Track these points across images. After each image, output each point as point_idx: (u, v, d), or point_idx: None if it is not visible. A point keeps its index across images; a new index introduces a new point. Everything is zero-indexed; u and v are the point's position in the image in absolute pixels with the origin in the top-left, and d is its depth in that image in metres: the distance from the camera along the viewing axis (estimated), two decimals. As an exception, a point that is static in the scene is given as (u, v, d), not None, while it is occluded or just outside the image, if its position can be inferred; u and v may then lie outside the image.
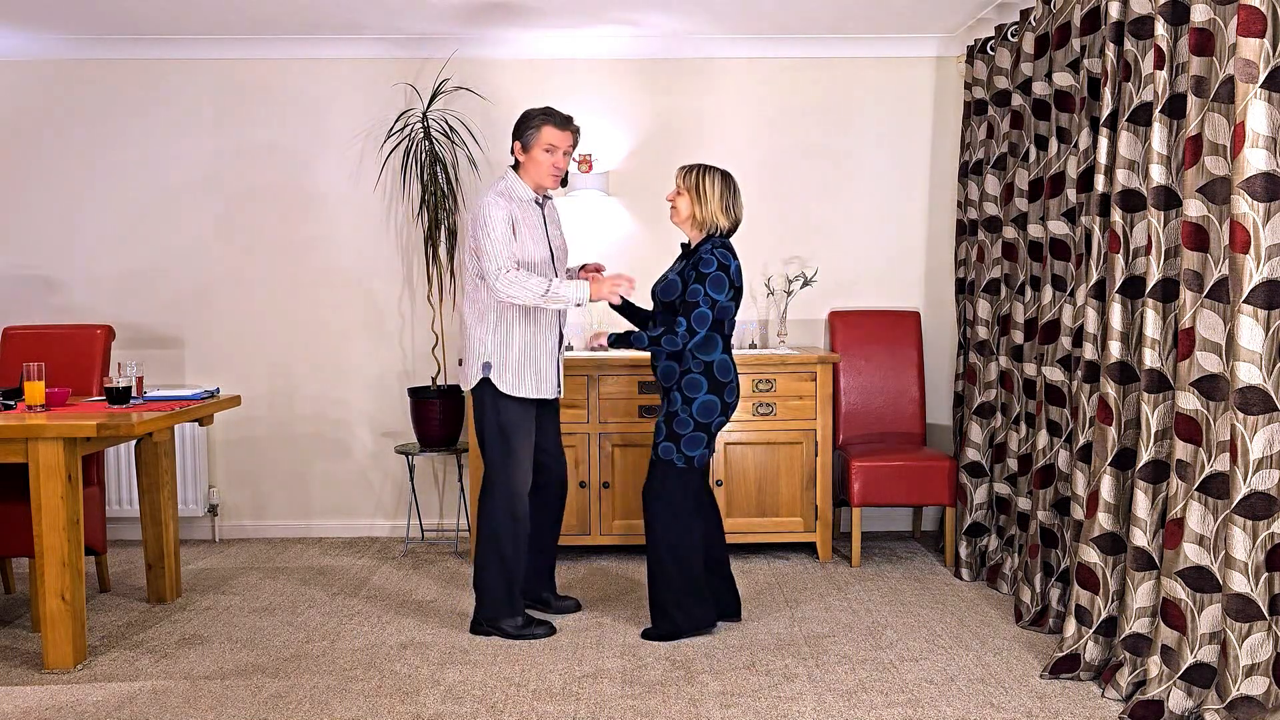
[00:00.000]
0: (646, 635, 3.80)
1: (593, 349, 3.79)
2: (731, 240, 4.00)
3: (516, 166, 3.83)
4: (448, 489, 5.36)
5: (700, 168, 3.75)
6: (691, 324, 3.63)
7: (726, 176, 3.75)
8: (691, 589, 3.74)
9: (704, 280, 3.63)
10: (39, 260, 5.28)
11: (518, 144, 3.79)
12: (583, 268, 3.96)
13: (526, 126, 3.77)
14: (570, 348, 5.06)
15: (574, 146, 3.85)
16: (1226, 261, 2.89)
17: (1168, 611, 3.03)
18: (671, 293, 3.71)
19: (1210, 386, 2.93)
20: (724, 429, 4.71)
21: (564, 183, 4.02)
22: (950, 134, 5.27)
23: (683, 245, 3.83)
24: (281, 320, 5.31)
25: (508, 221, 3.70)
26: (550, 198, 3.97)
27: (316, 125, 5.25)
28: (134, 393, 3.98)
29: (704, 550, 3.83)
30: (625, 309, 3.97)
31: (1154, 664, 3.06)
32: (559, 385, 3.93)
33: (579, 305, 3.72)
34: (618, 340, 3.72)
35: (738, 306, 3.75)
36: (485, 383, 3.75)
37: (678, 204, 3.76)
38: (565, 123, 3.79)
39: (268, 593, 4.41)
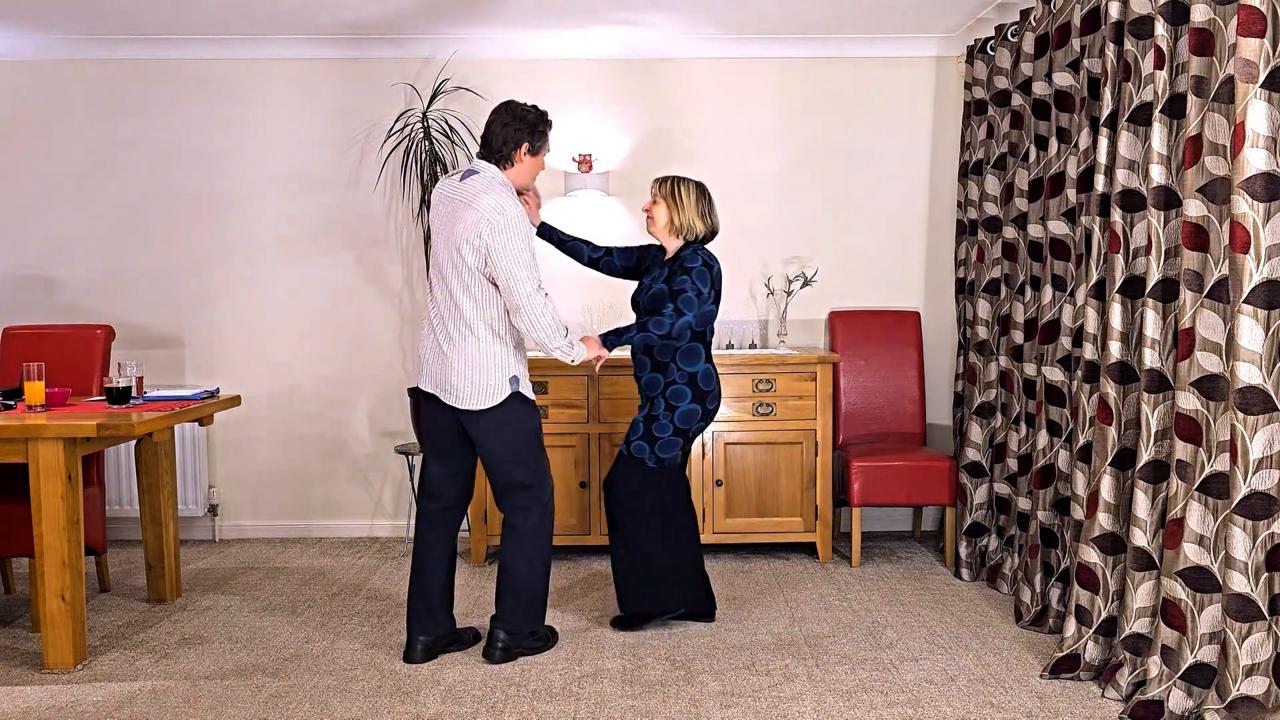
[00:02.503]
0: (613, 623, 3.91)
1: (596, 367, 3.81)
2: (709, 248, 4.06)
3: (503, 166, 3.52)
4: (448, 489, 5.36)
5: (674, 178, 3.88)
6: (678, 305, 3.68)
7: (701, 186, 3.87)
8: (654, 576, 3.84)
9: (689, 273, 3.71)
10: (39, 260, 5.28)
11: (525, 148, 3.51)
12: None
13: (535, 130, 3.52)
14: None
15: None
16: (1226, 261, 2.89)
17: (1168, 611, 3.03)
18: (661, 302, 3.76)
19: (1210, 386, 2.93)
20: (727, 430, 4.71)
21: None
22: (950, 134, 5.27)
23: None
24: (281, 320, 5.31)
25: (531, 240, 3.43)
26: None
27: (316, 125, 5.25)
28: (134, 393, 3.98)
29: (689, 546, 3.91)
30: (546, 233, 4.00)
31: (1154, 664, 3.06)
32: (484, 396, 3.55)
33: (564, 358, 3.58)
34: (610, 339, 3.73)
35: (717, 312, 3.82)
36: (515, 396, 3.49)
37: (655, 213, 3.86)
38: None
39: (268, 593, 4.41)
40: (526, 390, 3.54)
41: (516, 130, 3.50)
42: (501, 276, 3.38)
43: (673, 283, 3.73)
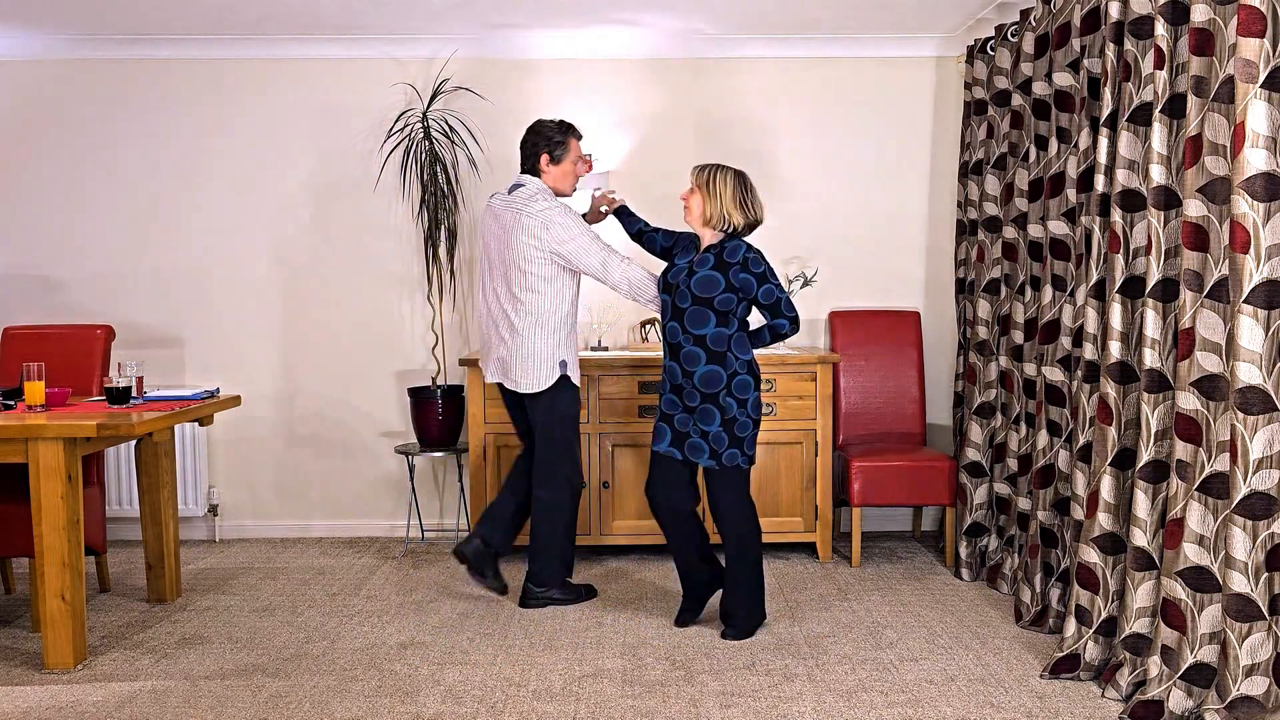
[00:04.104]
0: (732, 636, 3.80)
1: (601, 210, 4.21)
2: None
3: (534, 174, 4.06)
4: (448, 489, 5.36)
5: (713, 166, 3.80)
6: (784, 313, 3.73)
7: (740, 175, 3.79)
8: (762, 585, 3.86)
9: (766, 278, 3.71)
10: (39, 260, 5.28)
11: (545, 156, 4.03)
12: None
13: (552, 139, 4.03)
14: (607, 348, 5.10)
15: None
16: (1226, 261, 2.89)
17: (1168, 611, 3.03)
18: (711, 289, 3.68)
19: (1210, 386, 2.93)
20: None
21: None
22: (950, 134, 5.27)
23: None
24: (281, 320, 5.31)
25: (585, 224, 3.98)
26: None
27: (316, 125, 5.25)
28: (134, 393, 3.98)
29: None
30: (623, 214, 4.23)
31: (1154, 664, 3.06)
32: (543, 379, 4.10)
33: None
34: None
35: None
36: (564, 380, 4.03)
37: (690, 203, 3.79)
38: (580, 135, 4.14)
39: (268, 593, 4.41)
40: (574, 375, 4.06)
41: (534, 144, 4.05)
42: (583, 266, 3.95)
43: (735, 288, 3.67)
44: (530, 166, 4.07)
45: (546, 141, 4.03)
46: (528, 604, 4.14)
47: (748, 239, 3.94)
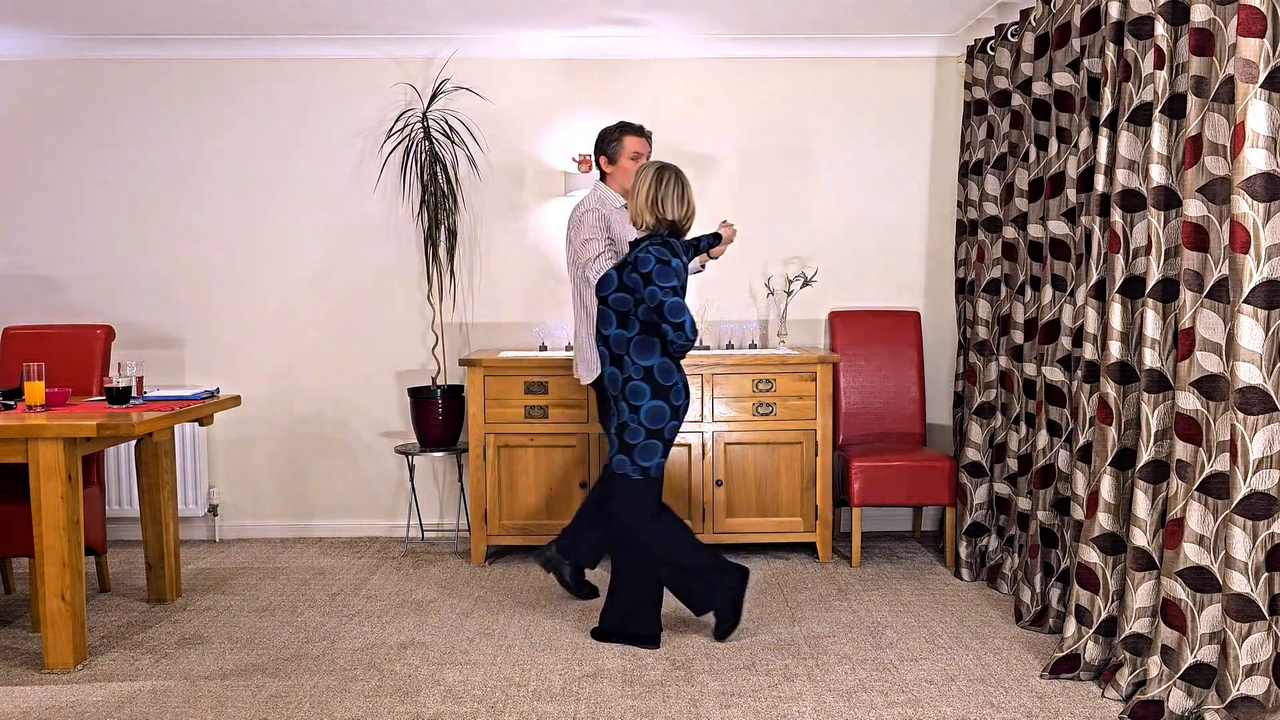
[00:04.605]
0: (594, 630, 3.79)
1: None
2: (688, 240, 3.94)
3: (604, 178, 4.24)
4: (448, 489, 5.36)
5: (644, 165, 3.71)
6: (667, 318, 3.50)
7: (661, 174, 3.62)
8: (650, 601, 3.71)
9: (652, 279, 3.50)
10: (39, 260, 5.28)
11: (603, 158, 4.21)
12: None
13: (608, 141, 4.20)
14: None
15: (650, 149, 4.27)
16: (1226, 261, 2.89)
17: (1168, 611, 3.03)
18: (606, 287, 3.59)
19: (1210, 386, 2.93)
20: (727, 430, 4.71)
21: None
22: (950, 134, 5.27)
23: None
24: (281, 320, 5.31)
25: (601, 224, 4.08)
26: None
27: (316, 125, 5.25)
28: (134, 393, 3.98)
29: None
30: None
31: (1154, 664, 3.06)
32: (585, 371, 4.22)
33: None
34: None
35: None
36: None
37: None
38: (641, 130, 4.23)
39: (268, 593, 4.41)
40: None
41: (595, 150, 4.26)
42: (570, 260, 4.14)
43: (629, 289, 3.54)
44: (600, 173, 4.26)
45: (602, 143, 4.22)
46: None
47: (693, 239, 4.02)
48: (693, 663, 3.55)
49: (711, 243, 4.12)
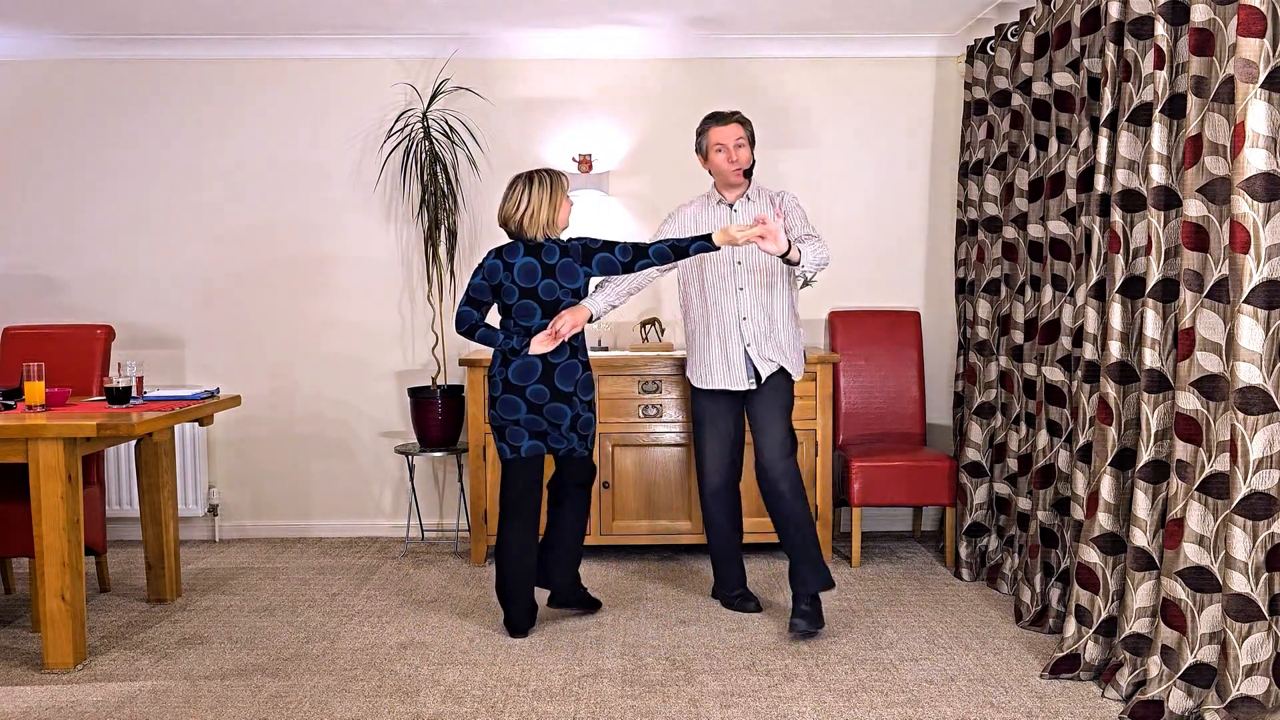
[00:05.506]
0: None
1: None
2: (524, 241, 3.85)
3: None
4: (448, 489, 5.36)
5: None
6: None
7: (514, 181, 3.80)
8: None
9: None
10: (39, 260, 5.28)
11: (700, 157, 4.02)
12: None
13: (698, 137, 4.00)
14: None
15: (745, 135, 3.94)
16: (1226, 261, 2.89)
17: (1168, 611, 3.03)
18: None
19: (1210, 386, 2.93)
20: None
21: (748, 174, 4.00)
22: (950, 134, 5.27)
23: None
24: (281, 320, 5.31)
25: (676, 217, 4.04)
26: (751, 199, 4.02)
27: (316, 125, 5.25)
28: (134, 393, 3.98)
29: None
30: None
31: (1154, 664, 3.06)
32: (745, 377, 3.95)
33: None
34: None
35: (509, 303, 3.78)
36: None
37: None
38: (725, 118, 3.94)
39: (268, 593, 4.41)
40: (692, 377, 4.08)
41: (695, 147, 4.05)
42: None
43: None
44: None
45: (697, 139, 4.02)
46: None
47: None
48: (693, 663, 3.55)
49: (704, 245, 3.80)
